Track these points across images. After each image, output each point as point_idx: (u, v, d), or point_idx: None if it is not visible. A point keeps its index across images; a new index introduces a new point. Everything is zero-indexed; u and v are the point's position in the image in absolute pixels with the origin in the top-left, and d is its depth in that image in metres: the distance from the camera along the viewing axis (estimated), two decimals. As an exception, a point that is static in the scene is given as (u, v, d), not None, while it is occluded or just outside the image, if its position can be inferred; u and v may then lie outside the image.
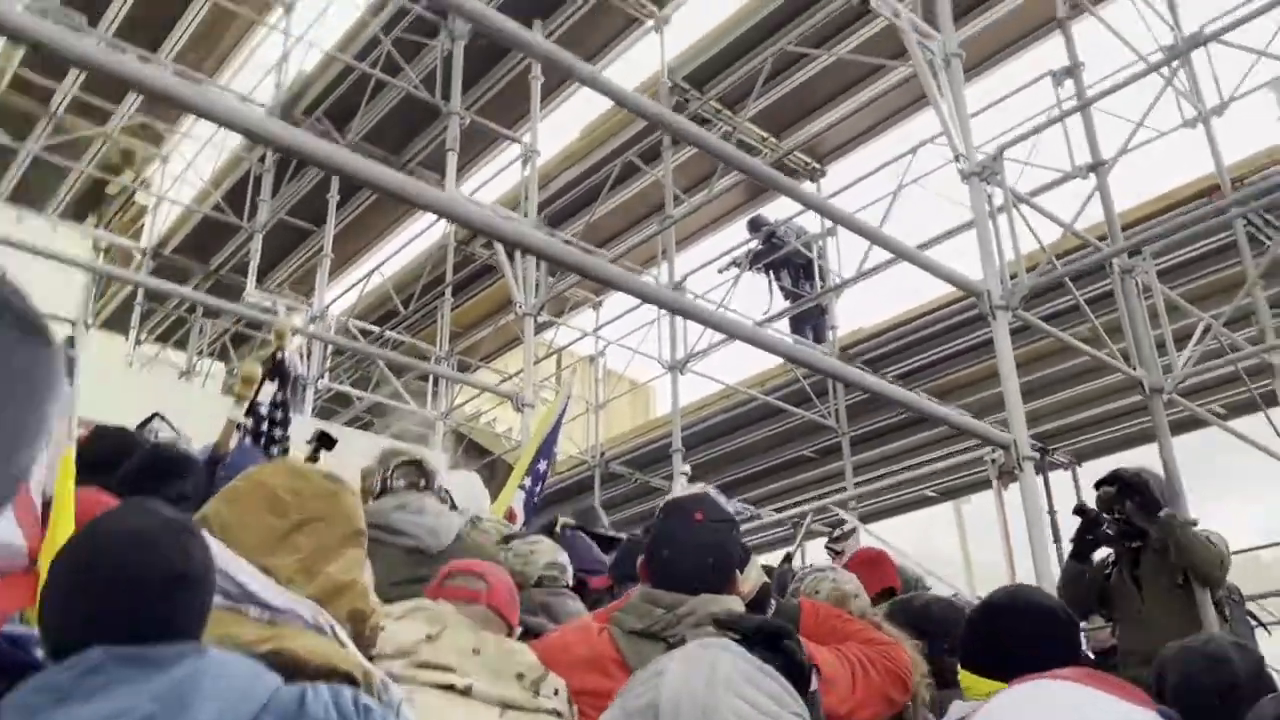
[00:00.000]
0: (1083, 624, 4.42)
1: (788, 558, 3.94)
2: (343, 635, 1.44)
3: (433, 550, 2.62)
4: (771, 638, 1.61)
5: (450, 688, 1.73)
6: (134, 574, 1.21)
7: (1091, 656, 4.14)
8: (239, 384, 3.32)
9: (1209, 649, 2.13)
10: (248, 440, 3.49)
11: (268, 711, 1.19)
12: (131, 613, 1.20)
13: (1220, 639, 2.22)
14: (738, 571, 2.19)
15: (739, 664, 1.40)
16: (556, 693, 1.87)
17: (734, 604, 2.06)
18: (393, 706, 1.37)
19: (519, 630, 2.09)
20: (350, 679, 1.34)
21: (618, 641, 2.02)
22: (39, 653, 1.33)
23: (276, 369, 3.87)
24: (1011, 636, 1.96)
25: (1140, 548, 4.52)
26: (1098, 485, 4.74)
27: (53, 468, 1.84)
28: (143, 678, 1.15)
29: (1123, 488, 4.52)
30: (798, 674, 1.76)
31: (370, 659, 1.50)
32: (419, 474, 2.93)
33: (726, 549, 2.18)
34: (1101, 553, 4.68)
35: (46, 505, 1.84)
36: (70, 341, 2.16)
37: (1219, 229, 6.55)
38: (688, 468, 7.16)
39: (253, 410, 3.74)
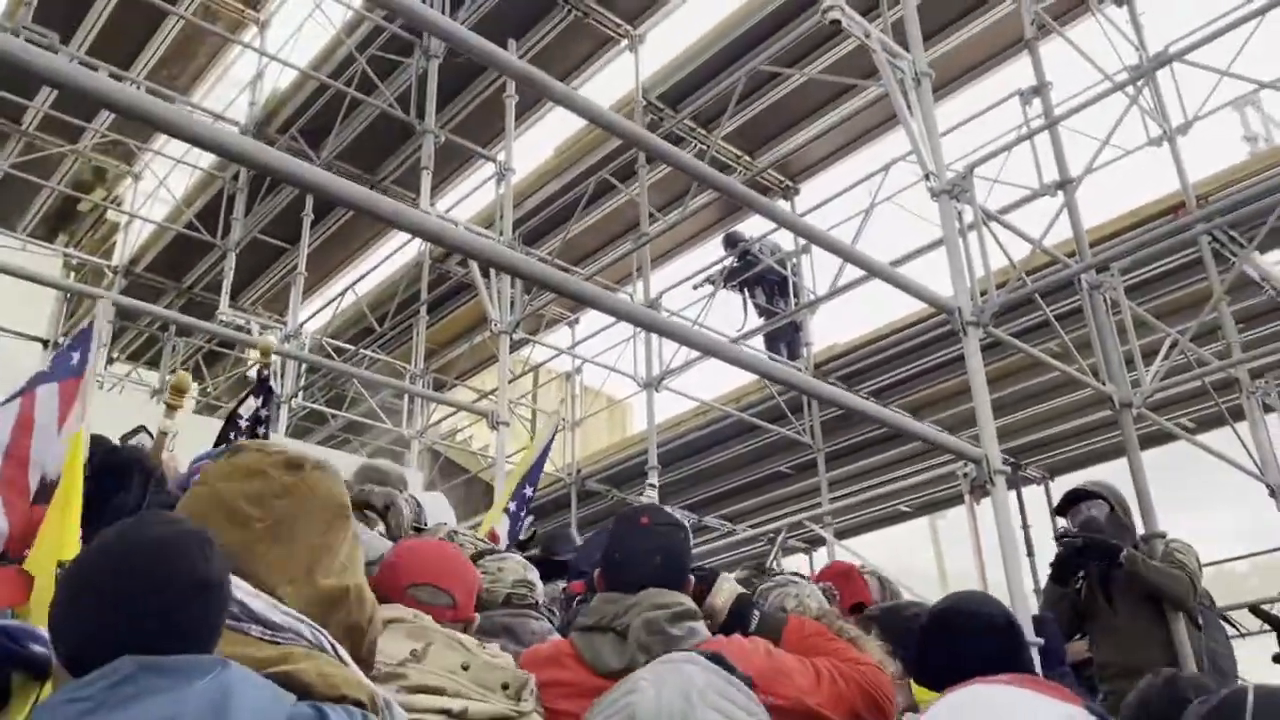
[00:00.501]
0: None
1: (759, 567, 3.93)
2: (343, 654, 1.42)
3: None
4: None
5: (447, 712, 1.72)
6: (161, 582, 1.21)
7: (1067, 667, 4.16)
8: (169, 394, 3.24)
9: (1182, 684, 2.12)
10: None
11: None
12: (160, 620, 1.20)
13: (1196, 679, 2.20)
14: (690, 576, 2.28)
15: (709, 677, 1.43)
16: (532, 692, 1.89)
17: (682, 598, 2.13)
18: None
19: (477, 618, 2.12)
20: (359, 705, 1.33)
21: (573, 638, 2.13)
22: (36, 648, 1.35)
23: (261, 385, 3.87)
24: (955, 649, 1.99)
25: (1110, 564, 4.59)
26: (1058, 510, 4.80)
27: (60, 447, 1.83)
28: (173, 688, 1.15)
29: (1085, 547, 4.60)
30: None
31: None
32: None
33: (674, 549, 2.27)
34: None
35: (52, 486, 1.82)
36: (88, 328, 2.16)
37: (1185, 245, 6.65)
38: (654, 479, 7.16)
39: (232, 422, 3.73)
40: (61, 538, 1.73)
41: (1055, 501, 5.00)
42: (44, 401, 2.03)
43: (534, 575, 2.85)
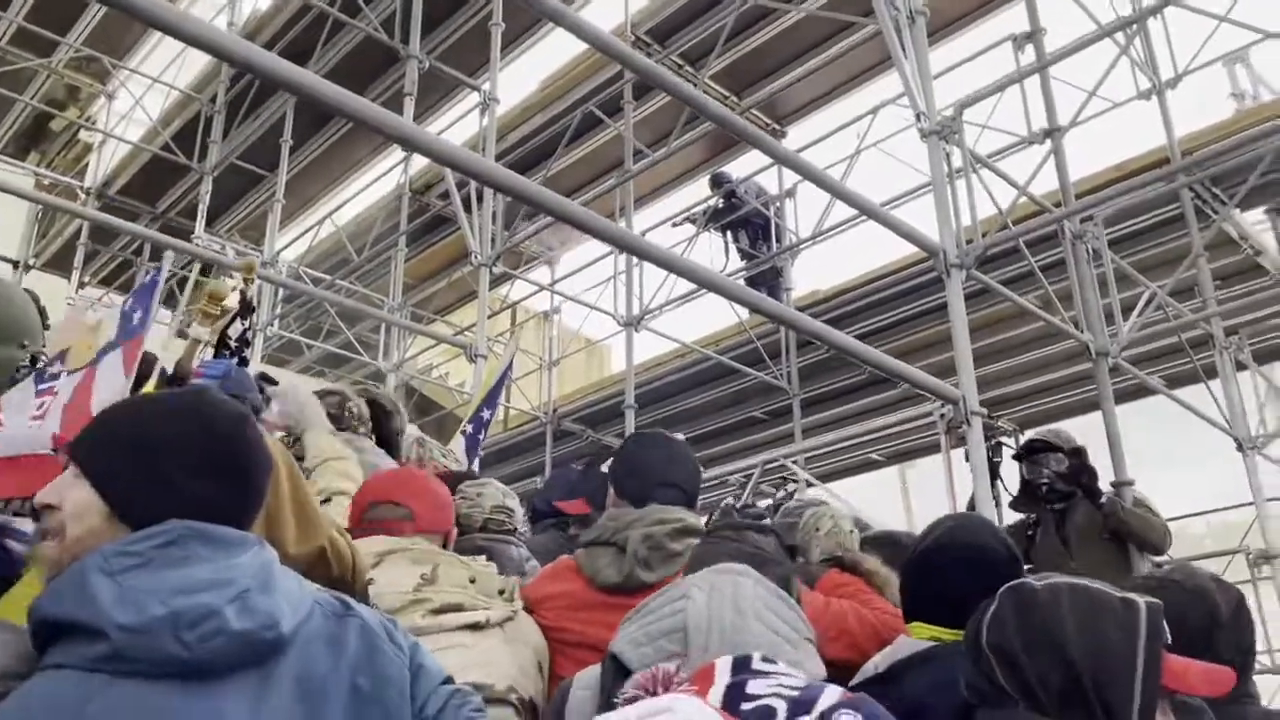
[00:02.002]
0: None
1: (777, 506, 3.98)
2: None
3: None
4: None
5: (474, 625, 1.78)
6: (242, 456, 1.29)
7: None
8: (204, 300, 3.20)
9: (1190, 584, 2.02)
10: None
11: (319, 606, 1.27)
12: (220, 491, 1.25)
13: (1201, 575, 2.09)
14: (696, 494, 2.31)
15: (759, 590, 1.43)
16: (517, 591, 1.97)
17: (684, 514, 2.14)
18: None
19: (454, 530, 2.14)
20: None
21: (577, 554, 2.15)
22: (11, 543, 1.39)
23: (246, 306, 3.83)
24: (952, 582, 1.90)
25: (1065, 508, 4.68)
26: (1026, 450, 4.84)
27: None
28: (217, 557, 1.19)
29: (1078, 468, 4.67)
30: None
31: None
32: (340, 408, 2.97)
33: (694, 458, 2.34)
34: (1016, 516, 4.81)
35: None
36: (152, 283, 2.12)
37: (1168, 200, 6.69)
38: (631, 419, 7.13)
39: (223, 343, 3.70)
40: None
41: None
42: (106, 372, 2.03)
43: (513, 502, 2.87)
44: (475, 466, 4.99)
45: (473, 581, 1.85)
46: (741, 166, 9.34)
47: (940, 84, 6.52)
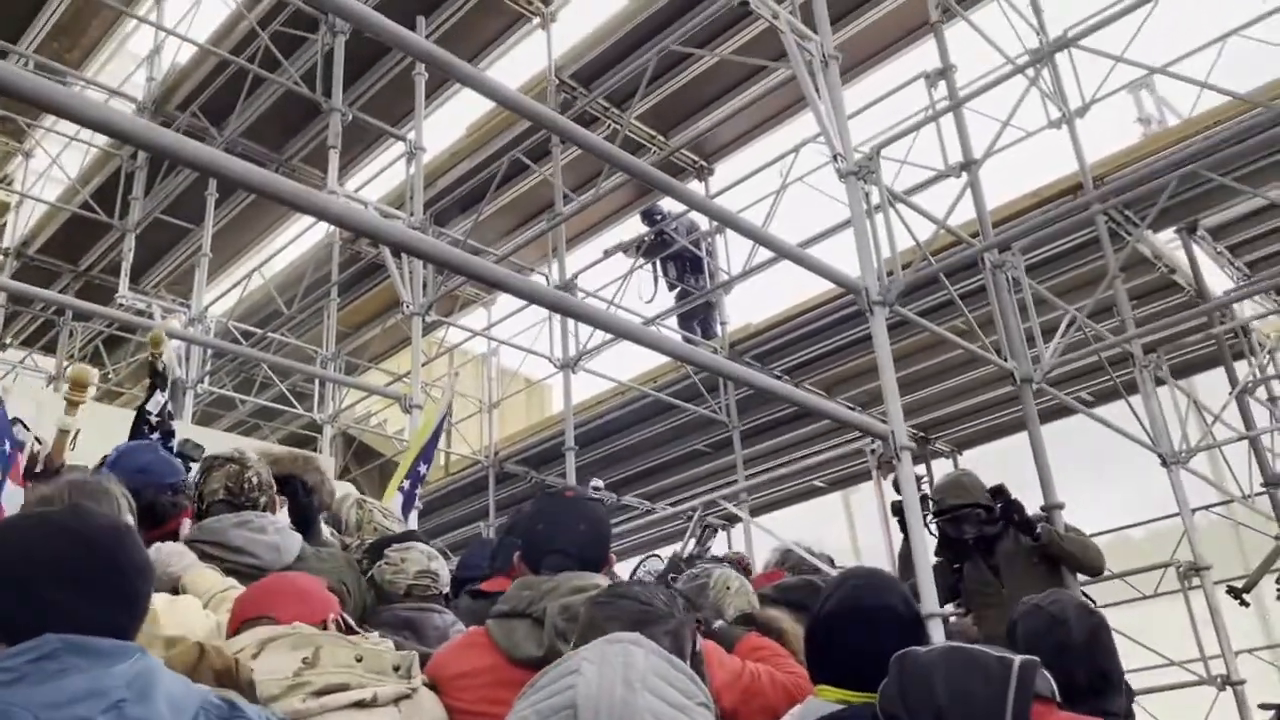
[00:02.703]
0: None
1: (675, 563, 3.99)
2: None
3: (275, 568, 2.55)
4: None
5: (360, 703, 1.75)
6: (121, 569, 1.29)
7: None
8: (69, 389, 3.13)
9: (1053, 609, 2.22)
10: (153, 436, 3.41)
11: (204, 711, 1.27)
12: (102, 605, 1.25)
13: (1066, 600, 2.28)
14: (610, 553, 2.30)
15: (651, 660, 1.42)
16: (416, 667, 1.93)
17: (601, 581, 2.09)
18: None
19: (335, 614, 2.07)
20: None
21: (488, 625, 2.08)
22: None
23: (157, 377, 3.77)
24: (854, 647, 1.91)
25: (993, 539, 4.79)
26: (940, 513, 4.94)
27: None
28: (95, 668, 1.19)
29: (1005, 509, 4.78)
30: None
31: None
32: (238, 480, 2.81)
33: (598, 518, 2.29)
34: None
35: None
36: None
37: (1082, 225, 6.88)
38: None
39: (142, 418, 3.63)
40: None
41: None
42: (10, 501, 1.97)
43: (438, 564, 2.82)
44: (414, 520, 4.95)
45: (359, 660, 1.82)
46: (672, 204, 9.42)
47: (857, 121, 6.69)
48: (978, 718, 1.48)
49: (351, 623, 2.16)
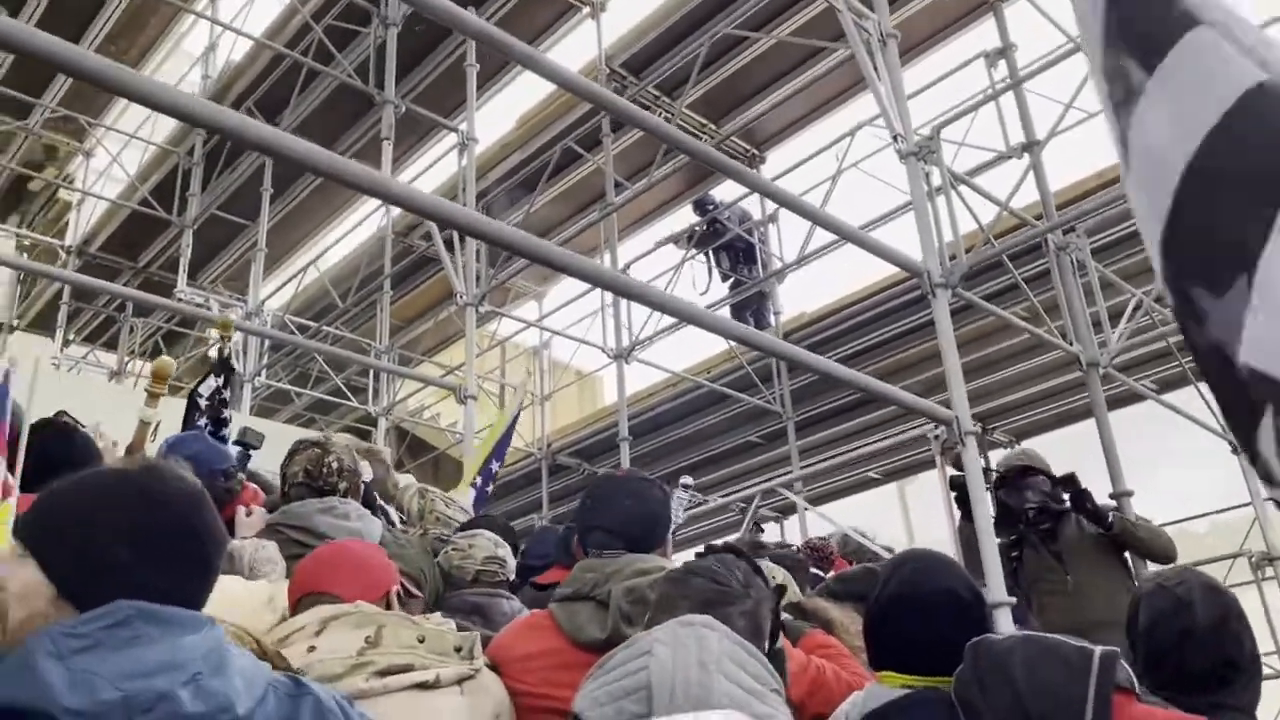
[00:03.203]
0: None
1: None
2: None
3: None
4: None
5: (423, 684, 1.73)
6: (196, 535, 1.27)
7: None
8: (151, 380, 3.16)
9: (1179, 590, 2.05)
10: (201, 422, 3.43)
11: (272, 688, 1.25)
12: (179, 572, 1.24)
13: (1192, 580, 2.10)
14: (667, 533, 2.28)
15: (725, 644, 1.39)
16: (480, 649, 1.91)
17: (665, 563, 2.06)
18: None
19: (397, 588, 2.08)
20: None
21: (551, 609, 2.06)
22: None
23: (221, 364, 3.80)
24: (917, 632, 1.86)
25: (1051, 527, 4.66)
26: (1006, 477, 4.82)
27: None
28: (168, 638, 1.17)
29: (1074, 498, 4.66)
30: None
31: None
32: (319, 464, 2.79)
33: (645, 495, 2.25)
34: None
35: None
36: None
37: (1149, 206, 6.70)
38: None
39: (193, 403, 3.66)
40: None
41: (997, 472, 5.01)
42: None
43: (505, 552, 2.81)
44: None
45: (421, 641, 1.80)
46: (724, 193, 9.35)
47: (916, 102, 6.56)
48: (1058, 708, 1.44)
49: (412, 588, 2.14)
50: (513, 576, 2.86)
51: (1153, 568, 4.91)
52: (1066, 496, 4.71)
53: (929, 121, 6.37)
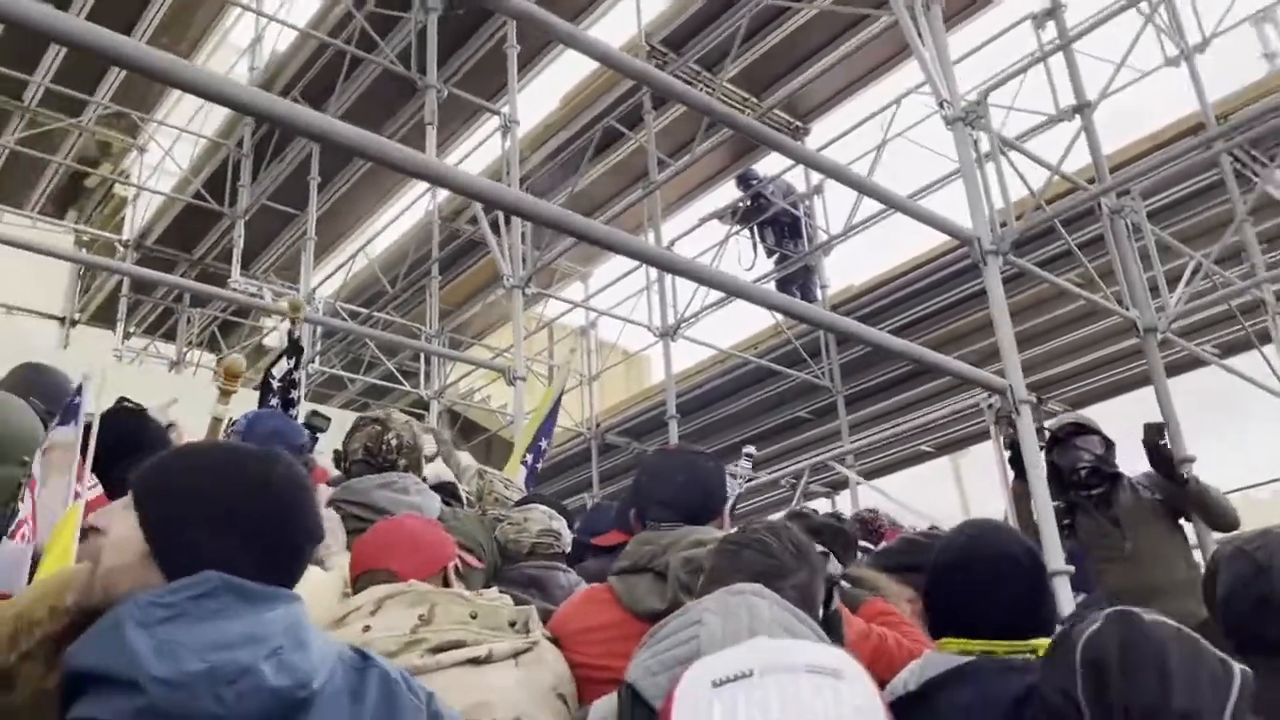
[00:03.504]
0: None
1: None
2: None
3: None
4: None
5: (475, 660, 1.76)
6: (294, 524, 1.29)
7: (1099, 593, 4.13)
8: (223, 378, 3.23)
9: (1259, 555, 1.97)
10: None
11: (340, 662, 1.27)
12: (282, 558, 1.28)
13: (1273, 544, 1.98)
14: (722, 506, 2.28)
15: (775, 610, 1.40)
16: (537, 622, 1.93)
17: (719, 534, 2.05)
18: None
19: (454, 562, 2.09)
20: None
21: (610, 582, 2.09)
22: None
23: (293, 346, 3.88)
24: (979, 595, 1.84)
25: (1104, 492, 4.57)
26: (1060, 436, 4.72)
27: (55, 512, 1.80)
28: (252, 612, 1.19)
29: (1154, 450, 4.58)
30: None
31: None
32: (378, 441, 2.82)
33: (697, 468, 2.28)
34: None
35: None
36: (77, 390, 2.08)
37: (1206, 166, 6.53)
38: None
39: (266, 385, 3.75)
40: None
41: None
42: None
43: (560, 524, 2.82)
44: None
45: (474, 617, 1.82)
46: (767, 167, 9.28)
47: (962, 68, 6.44)
48: (1201, 711, 1.36)
49: (471, 560, 2.17)
50: (568, 549, 2.88)
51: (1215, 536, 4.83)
52: (1145, 448, 4.61)
53: (975, 87, 6.28)
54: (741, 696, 0.94)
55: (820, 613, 1.77)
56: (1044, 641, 1.77)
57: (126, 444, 2.08)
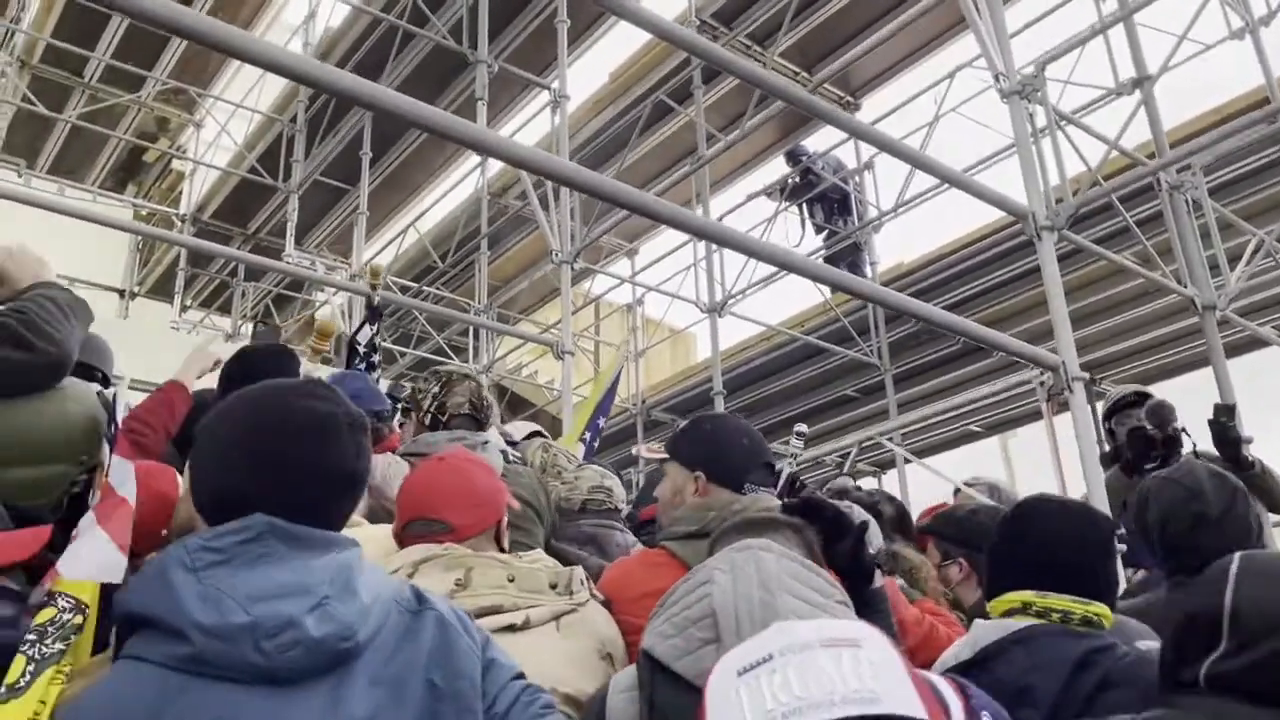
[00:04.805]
0: None
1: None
2: None
3: None
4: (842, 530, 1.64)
5: (511, 627, 1.71)
6: (322, 464, 1.26)
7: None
8: (315, 337, 3.32)
9: (1186, 480, 2.11)
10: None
11: (397, 603, 1.26)
12: (309, 498, 1.24)
13: (1199, 469, 2.18)
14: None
15: (783, 563, 1.39)
16: (583, 582, 1.87)
17: (777, 502, 2.03)
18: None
19: (505, 516, 2.00)
20: None
21: (671, 547, 2.00)
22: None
23: (373, 312, 3.96)
24: (1046, 540, 1.84)
25: (1156, 467, 4.46)
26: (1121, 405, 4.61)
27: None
28: (299, 558, 1.18)
29: (1220, 440, 4.47)
30: (865, 571, 1.77)
31: None
32: (479, 395, 2.82)
33: (758, 435, 2.24)
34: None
35: None
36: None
37: (1270, 142, 6.37)
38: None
39: (352, 350, 3.84)
40: None
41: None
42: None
43: (612, 482, 2.83)
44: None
45: (511, 580, 1.78)
46: (816, 143, 9.21)
47: (1018, 42, 6.33)
48: None
49: (517, 505, 2.10)
50: (622, 506, 2.86)
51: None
52: (1210, 424, 4.51)
53: (1032, 62, 6.17)
54: (764, 680, 0.95)
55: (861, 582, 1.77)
56: (1105, 609, 1.76)
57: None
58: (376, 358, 3.80)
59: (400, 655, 1.21)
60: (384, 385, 3.76)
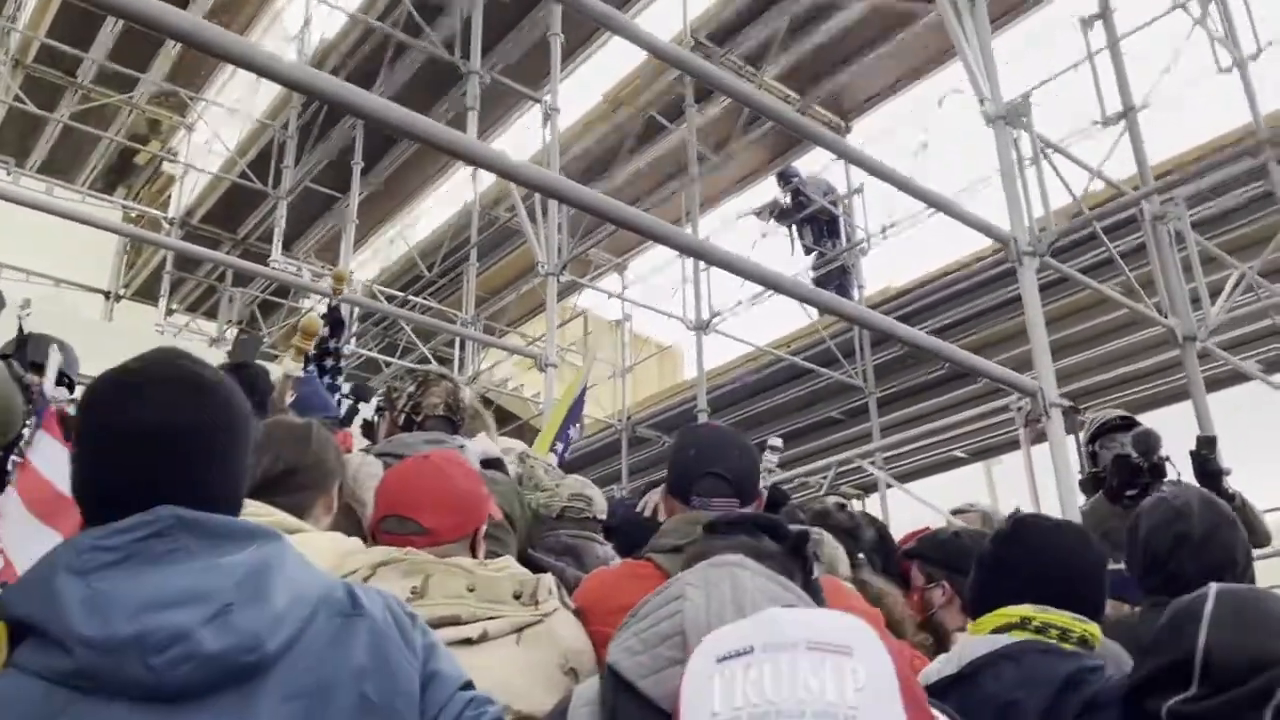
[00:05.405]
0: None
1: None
2: None
3: None
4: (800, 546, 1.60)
5: (467, 641, 1.63)
6: (177, 428, 1.09)
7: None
8: (299, 336, 3.28)
9: (1176, 502, 2.13)
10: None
11: (326, 607, 1.11)
12: (201, 471, 1.10)
13: (1191, 494, 2.20)
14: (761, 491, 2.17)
15: (759, 581, 1.34)
16: (551, 591, 1.79)
17: (777, 520, 2.01)
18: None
19: (484, 525, 1.91)
20: None
21: (657, 560, 1.93)
22: None
23: (331, 314, 3.93)
24: (1041, 552, 1.83)
25: (1137, 495, 4.47)
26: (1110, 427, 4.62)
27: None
28: (208, 554, 1.05)
29: (1201, 472, 4.49)
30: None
31: None
32: (455, 397, 2.80)
33: (748, 446, 2.14)
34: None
35: None
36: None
37: (1254, 176, 6.43)
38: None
39: (309, 358, 3.81)
40: None
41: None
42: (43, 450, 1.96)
43: (593, 492, 2.80)
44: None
45: (471, 590, 1.68)
46: (806, 165, 9.27)
47: (1006, 71, 6.39)
48: None
49: (499, 515, 2.07)
50: (602, 516, 2.81)
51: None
52: (1192, 455, 4.52)
53: (1020, 93, 6.23)
54: (740, 674, 0.90)
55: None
56: (1097, 630, 1.77)
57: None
58: (330, 362, 3.76)
59: (325, 665, 1.07)
60: (346, 387, 3.72)
